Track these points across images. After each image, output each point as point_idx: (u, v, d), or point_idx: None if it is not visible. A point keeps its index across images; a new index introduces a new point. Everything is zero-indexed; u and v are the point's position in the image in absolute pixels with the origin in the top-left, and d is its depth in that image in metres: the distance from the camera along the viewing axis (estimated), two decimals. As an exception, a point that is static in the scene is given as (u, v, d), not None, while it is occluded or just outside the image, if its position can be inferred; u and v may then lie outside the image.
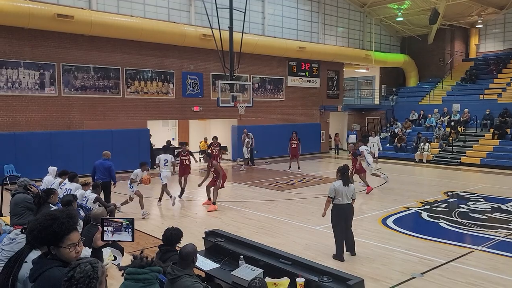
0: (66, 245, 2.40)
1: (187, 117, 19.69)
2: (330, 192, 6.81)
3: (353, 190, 6.87)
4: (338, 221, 6.78)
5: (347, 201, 6.76)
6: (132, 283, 2.53)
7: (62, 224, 2.38)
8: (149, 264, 2.58)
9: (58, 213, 2.46)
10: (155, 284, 2.57)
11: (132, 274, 2.52)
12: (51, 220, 2.39)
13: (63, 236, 2.38)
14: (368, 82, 29.62)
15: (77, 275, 2.05)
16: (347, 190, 6.76)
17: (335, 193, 6.73)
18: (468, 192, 12.49)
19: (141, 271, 2.52)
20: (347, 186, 6.78)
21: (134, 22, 16.09)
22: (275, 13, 21.25)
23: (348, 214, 6.83)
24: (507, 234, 8.14)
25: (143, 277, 2.52)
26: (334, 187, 6.75)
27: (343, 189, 6.73)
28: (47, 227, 2.37)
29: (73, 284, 2.03)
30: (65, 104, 15.52)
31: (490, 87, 22.89)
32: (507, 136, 18.87)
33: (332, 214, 6.85)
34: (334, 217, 6.82)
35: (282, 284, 4.04)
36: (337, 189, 6.73)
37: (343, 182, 6.80)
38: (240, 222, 9.32)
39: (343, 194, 6.72)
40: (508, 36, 26.04)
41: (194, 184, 15.27)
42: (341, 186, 6.76)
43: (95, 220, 4.67)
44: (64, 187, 8.30)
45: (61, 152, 14.64)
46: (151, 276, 2.54)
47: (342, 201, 6.73)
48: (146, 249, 7.40)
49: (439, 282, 5.88)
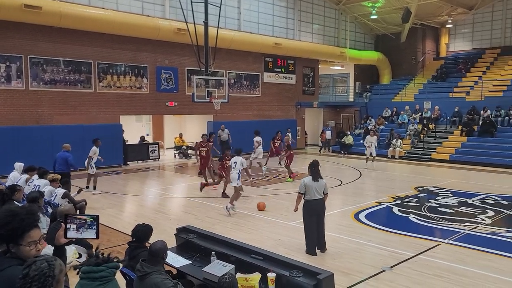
0: (26, 242, 2.31)
1: (162, 112, 19.44)
2: (300, 188, 6.83)
3: (324, 185, 6.85)
4: (309, 216, 6.81)
5: (318, 196, 6.76)
6: (88, 282, 2.46)
7: (21, 220, 2.30)
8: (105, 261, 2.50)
9: (18, 210, 2.37)
10: (113, 281, 2.51)
11: (87, 273, 2.44)
12: (10, 216, 2.30)
13: (23, 233, 2.30)
14: (343, 79, 30.00)
15: (32, 273, 1.98)
16: (318, 185, 6.76)
17: (305, 189, 6.74)
18: (437, 187, 12.85)
19: (97, 269, 2.44)
20: (317, 181, 6.77)
21: (106, 15, 15.71)
22: (251, 8, 21.20)
23: (319, 210, 6.84)
24: (473, 227, 8.42)
25: (100, 275, 2.44)
26: (304, 183, 6.76)
27: (313, 184, 6.73)
28: (6, 224, 2.28)
29: (27, 282, 1.96)
30: (33, 98, 15.04)
31: (459, 85, 23.59)
32: (474, 133, 19.49)
33: (304, 209, 6.86)
34: (306, 213, 6.84)
35: (253, 279, 4.05)
36: (307, 184, 6.73)
37: (312, 177, 6.79)
38: (214, 218, 9.28)
39: (313, 190, 6.72)
40: (476, 36, 26.86)
41: (170, 181, 15.14)
42: (311, 181, 6.76)
43: (61, 217, 4.54)
44: (33, 184, 8.08)
45: (29, 148, 14.22)
46: (108, 273, 2.47)
47: (313, 197, 6.74)
48: (117, 246, 7.28)
49: (407, 275, 6.03)
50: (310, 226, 6.84)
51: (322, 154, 21.96)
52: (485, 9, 25.94)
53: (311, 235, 6.84)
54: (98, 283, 2.44)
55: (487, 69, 24.29)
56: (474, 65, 25.03)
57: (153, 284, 3.51)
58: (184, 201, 11.47)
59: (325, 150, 23.51)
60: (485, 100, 20.67)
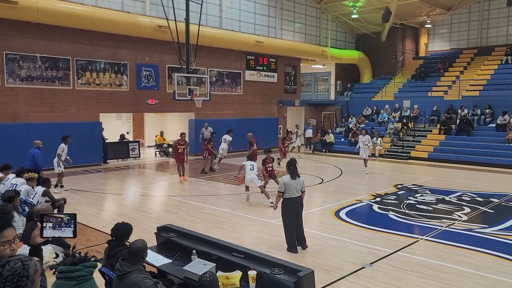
0: (0, 242, 2.26)
1: (142, 110, 19.21)
2: (280, 187, 6.92)
3: (302, 183, 6.98)
4: (288, 214, 6.89)
5: (297, 194, 6.88)
6: (65, 281, 2.41)
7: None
8: (82, 260, 2.46)
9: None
10: (90, 280, 2.47)
11: (64, 273, 2.38)
12: None
13: None
14: (324, 78, 30.22)
15: (5, 273, 1.93)
16: (296, 184, 6.87)
17: (285, 187, 6.83)
18: (416, 185, 13.09)
19: (73, 268, 2.40)
20: (295, 180, 6.88)
21: (85, 11, 15.41)
22: (232, 6, 21.14)
23: (298, 207, 6.94)
24: (449, 224, 8.61)
25: (77, 274, 2.40)
26: (284, 182, 6.85)
27: (292, 182, 6.84)
28: None
29: (1, 282, 1.91)
30: (9, 95, 14.66)
31: (438, 84, 24.06)
32: (451, 131, 19.92)
33: (283, 207, 6.95)
34: (285, 211, 6.92)
35: (234, 277, 4.05)
36: (286, 183, 6.82)
37: (290, 175, 6.88)
38: (196, 216, 9.24)
39: (292, 188, 6.82)
40: (454, 36, 27.45)
41: (151, 179, 14.98)
42: (290, 180, 6.85)
43: (38, 217, 4.44)
44: (8, 182, 7.89)
45: (5, 146, 13.81)
46: (85, 273, 2.42)
47: (292, 195, 6.84)
48: (97, 245, 7.18)
49: (386, 271, 6.13)
50: (289, 224, 6.90)
51: (304, 153, 22.08)
52: (463, 10, 26.54)
53: (291, 232, 6.91)
54: (75, 282, 2.39)
55: (464, 69, 24.85)
56: (452, 65, 25.57)
57: (132, 283, 3.47)
58: (165, 200, 11.38)
59: (307, 148, 23.66)
60: (462, 99, 21.14)
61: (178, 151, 13.75)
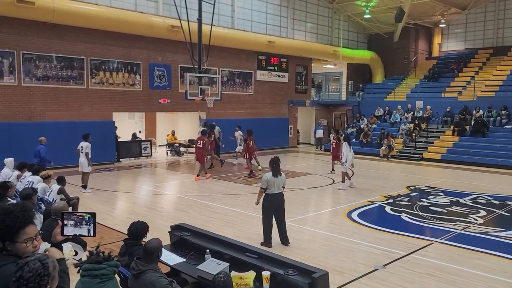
0: (22, 239, 2.29)
1: (154, 109, 19.34)
2: (262, 183, 7.15)
3: (283, 180, 7.22)
4: (268, 209, 7.14)
5: (278, 191, 7.12)
6: (89, 279, 2.44)
7: (16, 218, 2.27)
8: (106, 259, 2.49)
9: (11, 207, 2.35)
10: (113, 280, 2.50)
11: (88, 271, 2.43)
12: (4, 214, 2.27)
13: (18, 231, 2.28)
14: (335, 78, 30.08)
15: (26, 275, 1.95)
16: (278, 181, 7.11)
17: (267, 184, 7.06)
18: (429, 186, 12.95)
19: (98, 266, 2.43)
20: (277, 177, 7.10)
21: (99, 11, 15.58)
22: (244, 6, 21.16)
23: (279, 203, 7.17)
24: (464, 227, 8.50)
25: (101, 273, 2.43)
26: (266, 179, 7.07)
27: (274, 179, 7.07)
28: (1, 222, 2.26)
29: (22, 284, 1.93)
30: (25, 94, 14.88)
31: (451, 85, 23.77)
32: (466, 133, 19.66)
33: (264, 202, 7.19)
34: (266, 206, 7.15)
35: (247, 278, 4.05)
36: (269, 180, 7.06)
37: (273, 173, 7.09)
38: (207, 216, 9.27)
39: (274, 184, 7.06)
40: (469, 36, 27.09)
41: (162, 178, 15.08)
42: (272, 177, 7.07)
43: (55, 214, 4.50)
44: (25, 180, 8.00)
45: (21, 144, 14.03)
46: (109, 271, 2.46)
47: (274, 191, 7.08)
48: (110, 243, 7.25)
49: (400, 274, 6.08)
50: (268, 218, 7.16)
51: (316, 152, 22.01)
52: (478, 10, 26.17)
53: (268, 226, 7.18)
54: (99, 280, 2.42)
55: (480, 69, 24.50)
56: (467, 65, 25.23)
57: (148, 282, 3.49)
58: (176, 199, 11.45)
59: (317, 148, 23.59)
60: (477, 100, 20.85)
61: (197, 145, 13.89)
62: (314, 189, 12.56)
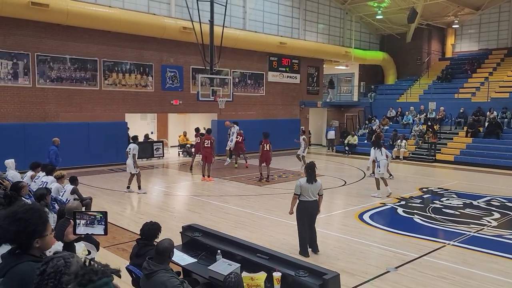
0: (49, 232, 2.41)
1: (166, 110, 19.47)
2: (296, 189, 6.81)
3: (319, 187, 6.85)
4: (302, 217, 6.80)
5: (312, 198, 6.77)
6: None
7: (42, 211, 2.41)
8: (91, 281, 1.83)
9: (30, 206, 2.47)
10: None
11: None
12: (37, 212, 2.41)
13: (45, 224, 2.40)
14: (347, 79, 29.92)
15: (49, 270, 2.00)
16: (313, 187, 6.76)
17: (300, 190, 6.73)
18: (442, 188, 12.80)
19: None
20: (312, 184, 6.75)
21: (113, 13, 15.75)
22: (256, 7, 21.19)
23: (312, 211, 6.82)
24: (478, 230, 8.39)
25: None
26: (300, 184, 6.75)
27: (308, 186, 6.72)
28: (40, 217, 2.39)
29: (44, 278, 1.98)
30: (40, 95, 15.11)
31: (465, 86, 23.47)
32: (479, 134, 19.39)
33: (298, 210, 6.85)
34: (299, 214, 6.82)
35: (258, 278, 4.05)
36: (302, 186, 6.72)
37: (307, 179, 6.77)
38: (218, 216, 9.30)
39: (308, 191, 6.72)
40: (483, 36, 26.72)
41: (174, 179, 15.18)
42: (306, 183, 6.74)
43: (69, 214, 4.56)
44: (39, 180, 8.12)
45: (35, 144, 14.25)
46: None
47: (307, 198, 6.74)
48: (122, 243, 7.32)
49: (412, 276, 6.02)
50: (303, 227, 6.81)
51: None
52: (492, 10, 25.79)
53: (304, 235, 6.82)
54: None
55: (494, 70, 24.16)
56: (480, 66, 24.89)
57: (159, 282, 3.53)
58: (188, 199, 11.51)
59: (329, 150, 23.50)
60: (491, 101, 20.56)
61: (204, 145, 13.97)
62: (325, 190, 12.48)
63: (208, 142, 13.88)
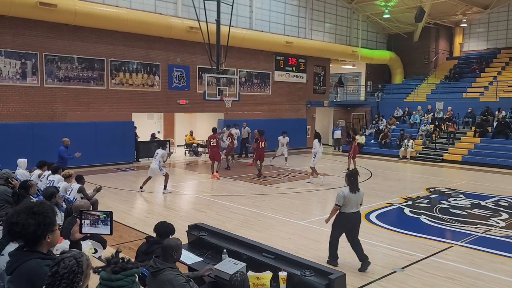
0: (58, 227, 2.51)
1: (173, 110, 19.54)
2: (338, 200, 6.13)
3: (361, 197, 6.34)
4: (340, 229, 6.31)
5: (355, 209, 6.21)
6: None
7: (48, 217, 2.45)
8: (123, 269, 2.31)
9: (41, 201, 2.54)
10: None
11: (105, 281, 2.30)
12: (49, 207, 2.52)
13: (52, 222, 2.47)
14: (354, 78, 29.80)
15: (62, 271, 2.02)
16: (356, 197, 6.19)
17: (343, 201, 6.13)
18: (449, 188, 12.71)
19: (114, 277, 2.28)
20: (355, 193, 6.19)
21: (120, 13, 15.83)
22: (262, 7, 21.17)
23: (355, 223, 6.27)
24: (486, 230, 8.32)
25: (117, 284, 2.28)
26: (343, 195, 6.10)
27: (352, 196, 6.13)
28: (52, 212, 2.50)
29: (57, 279, 2.00)
30: (47, 95, 15.23)
31: (473, 85, 23.28)
32: (487, 134, 19.23)
33: (337, 221, 6.29)
34: (339, 225, 6.31)
35: (264, 278, 4.06)
36: (346, 196, 6.10)
37: (350, 188, 6.18)
38: (224, 216, 9.31)
39: (351, 202, 6.13)
40: (491, 35, 26.47)
41: (180, 178, 15.22)
42: (350, 193, 6.15)
43: (76, 212, 4.60)
44: (46, 179, 8.19)
45: (43, 143, 14.36)
46: (126, 282, 2.31)
47: (351, 210, 6.16)
48: (129, 242, 7.36)
49: (419, 277, 5.99)
50: (335, 237, 6.35)
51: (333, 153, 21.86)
52: (501, 8, 25.54)
53: (335, 246, 6.40)
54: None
55: (502, 69, 23.92)
56: (489, 65, 24.67)
57: (165, 280, 3.54)
58: (194, 198, 11.54)
59: (335, 149, 23.43)
60: (499, 100, 20.36)
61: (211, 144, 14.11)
62: (331, 190, 12.48)
63: (214, 141, 14.01)
